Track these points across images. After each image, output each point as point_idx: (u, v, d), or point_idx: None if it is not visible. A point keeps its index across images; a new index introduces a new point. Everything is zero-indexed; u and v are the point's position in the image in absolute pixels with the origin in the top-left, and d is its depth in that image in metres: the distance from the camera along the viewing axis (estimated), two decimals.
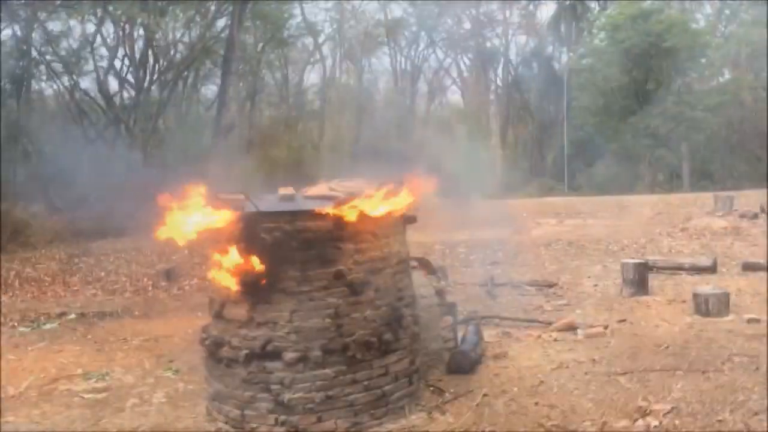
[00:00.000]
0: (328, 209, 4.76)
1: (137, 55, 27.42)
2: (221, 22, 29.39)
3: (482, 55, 42.23)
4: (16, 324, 8.73)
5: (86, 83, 28.33)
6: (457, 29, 41.68)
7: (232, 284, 4.86)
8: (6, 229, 17.27)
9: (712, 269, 10.09)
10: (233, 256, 4.84)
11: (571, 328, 7.28)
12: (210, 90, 34.71)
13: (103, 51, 27.55)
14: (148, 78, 27.35)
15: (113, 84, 28.07)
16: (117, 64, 27.63)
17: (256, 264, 4.77)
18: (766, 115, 29.27)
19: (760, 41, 30.87)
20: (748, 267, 10.05)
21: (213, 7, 28.29)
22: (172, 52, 28.90)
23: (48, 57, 26.29)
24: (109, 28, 26.96)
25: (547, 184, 34.97)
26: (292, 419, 4.75)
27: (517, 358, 6.37)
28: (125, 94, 28.11)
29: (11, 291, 11.47)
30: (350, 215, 4.79)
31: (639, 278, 8.86)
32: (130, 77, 27.96)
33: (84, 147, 26.96)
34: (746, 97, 33.16)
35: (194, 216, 4.93)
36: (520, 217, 19.20)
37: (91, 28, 26.55)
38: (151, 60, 27.63)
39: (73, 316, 9.15)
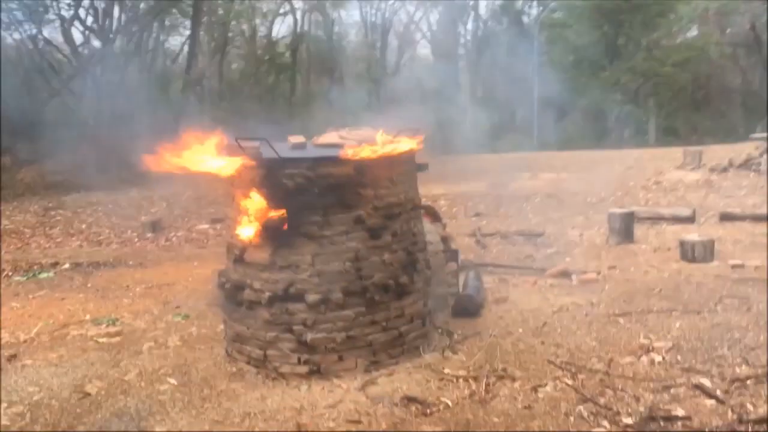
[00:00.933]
0: (351, 154, 4.85)
1: (102, 4, 26.72)
2: None
3: (451, 8, 42.00)
4: (10, 274, 8.71)
5: (49, 32, 27.55)
6: None
7: (254, 229, 4.96)
8: None
9: (691, 219, 10.47)
10: (255, 202, 4.93)
11: (565, 274, 7.54)
12: (175, 42, 34.04)
13: None
14: (114, 28, 26.70)
15: (77, 35, 27.37)
16: (81, 13, 26.88)
17: (279, 209, 4.87)
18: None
19: None
20: (726, 217, 10.44)
21: None
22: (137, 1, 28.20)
23: (10, 4, 25.44)
24: None
25: (516, 139, 35.24)
26: (314, 358, 4.91)
27: (518, 302, 6.61)
28: (91, 45, 27.43)
29: None
30: (372, 160, 4.89)
31: (625, 227, 9.17)
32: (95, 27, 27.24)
33: (49, 98, 26.42)
34: (713, 53, 33.72)
35: (214, 160, 5.00)
36: (493, 170, 19.48)
37: None
38: (116, 9, 26.94)
39: (67, 265, 9.14)
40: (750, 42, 34.67)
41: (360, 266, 4.98)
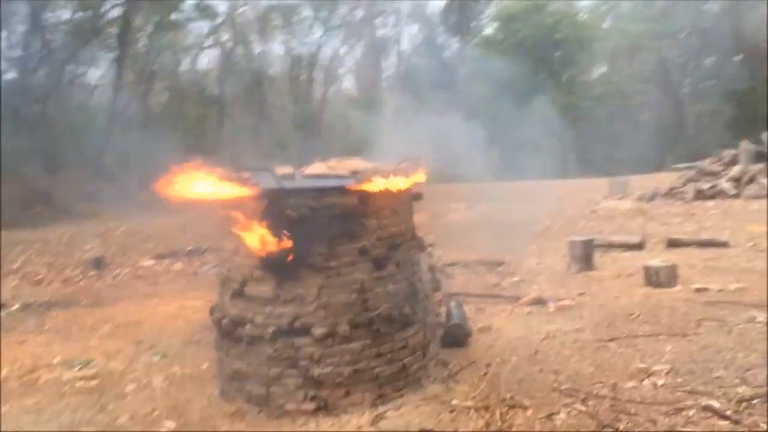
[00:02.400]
0: (357, 185, 4.78)
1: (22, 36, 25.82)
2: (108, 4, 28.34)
3: (375, 43, 42.74)
4: None
5: None
6: (351, 18, 41.88)
7: (257, 262, 4.79)
8: None
9: (640, 246, 10.84)
10: (258, 233, 4.77)
11: (540, 301, 7.62)
12: (94, 74, 33.03)
13: None
14: (35, 60, 25.79)
15: None
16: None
17: (283, 240, 4.73)
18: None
19: (639, 35, 33.11)
20: (672, 243, 10.84)
21: None
22: (59, 34, 27.37)
23: None
24: None
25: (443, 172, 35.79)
26: (321, 394, 4.75)
27: (503, 330, 6.62)
28: (9, 77, 26.35)
29: None
30: (377, 191, 4.84)
31: (585, 255, 9.39)
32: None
33: None
34: (626, 88, 35.43)
35: (213, 189, 4.83)
36: (426, 201, 19.58)
37: None
38: (37, 41, 26.06)
39: (17, 306, 8.59)
40: (658, 77, 36.67)
41: (366, 297, 4.88)
